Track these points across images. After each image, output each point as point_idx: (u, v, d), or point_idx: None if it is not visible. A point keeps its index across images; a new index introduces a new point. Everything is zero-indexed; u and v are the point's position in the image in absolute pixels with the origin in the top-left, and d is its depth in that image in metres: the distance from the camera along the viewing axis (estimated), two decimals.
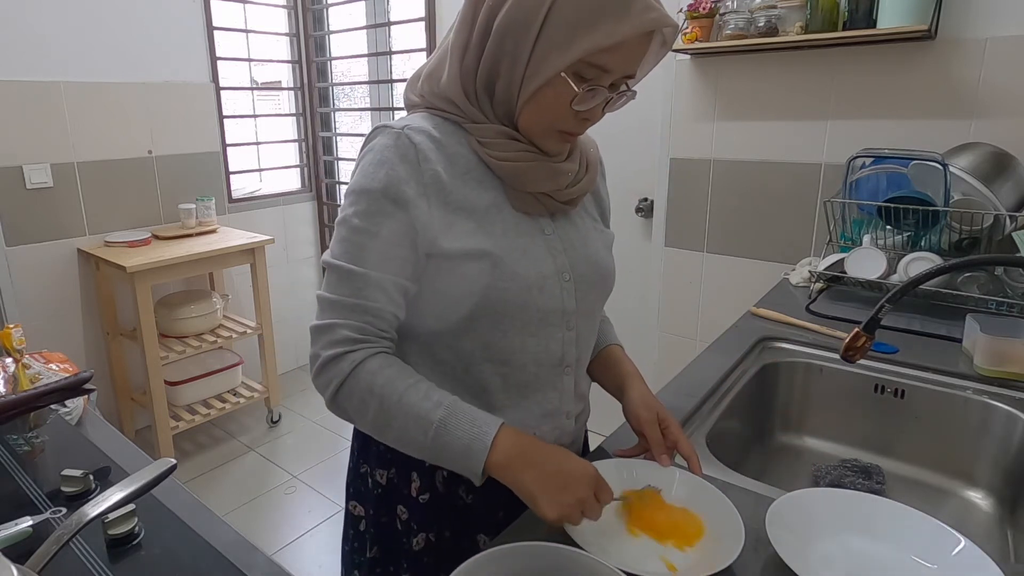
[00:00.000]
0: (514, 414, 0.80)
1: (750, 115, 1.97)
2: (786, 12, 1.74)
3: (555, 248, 0.80)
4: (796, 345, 1.27)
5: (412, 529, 0.86)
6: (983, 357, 1.10)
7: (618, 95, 0.74)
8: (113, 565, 0.70)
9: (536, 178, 0.77)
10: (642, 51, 0.72)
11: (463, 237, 0.74)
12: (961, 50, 1.61)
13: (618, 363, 0.93)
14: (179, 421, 2.57)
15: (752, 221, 2.03)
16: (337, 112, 3.40)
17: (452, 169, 0.75)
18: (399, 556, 0.88)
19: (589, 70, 0.70)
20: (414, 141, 0.73)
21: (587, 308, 0.84)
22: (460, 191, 0.75)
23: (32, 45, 2.34)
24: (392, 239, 0.72)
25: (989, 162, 1.43)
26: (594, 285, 0.83)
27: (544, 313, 0.78)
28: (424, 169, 0.73)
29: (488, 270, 0.73)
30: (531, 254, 0.77)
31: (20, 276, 2.40)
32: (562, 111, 0.73)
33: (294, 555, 2.09)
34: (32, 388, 1.02)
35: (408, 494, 0.85)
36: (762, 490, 0.80)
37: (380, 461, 0.87)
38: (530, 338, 0.78)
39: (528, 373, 0.80)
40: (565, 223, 0.83)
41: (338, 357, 0.71)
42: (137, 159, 2.67)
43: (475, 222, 0.75)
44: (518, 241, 0.76)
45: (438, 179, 0.73)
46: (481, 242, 0.74)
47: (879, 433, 1.16)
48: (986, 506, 1.05)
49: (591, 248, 0.84)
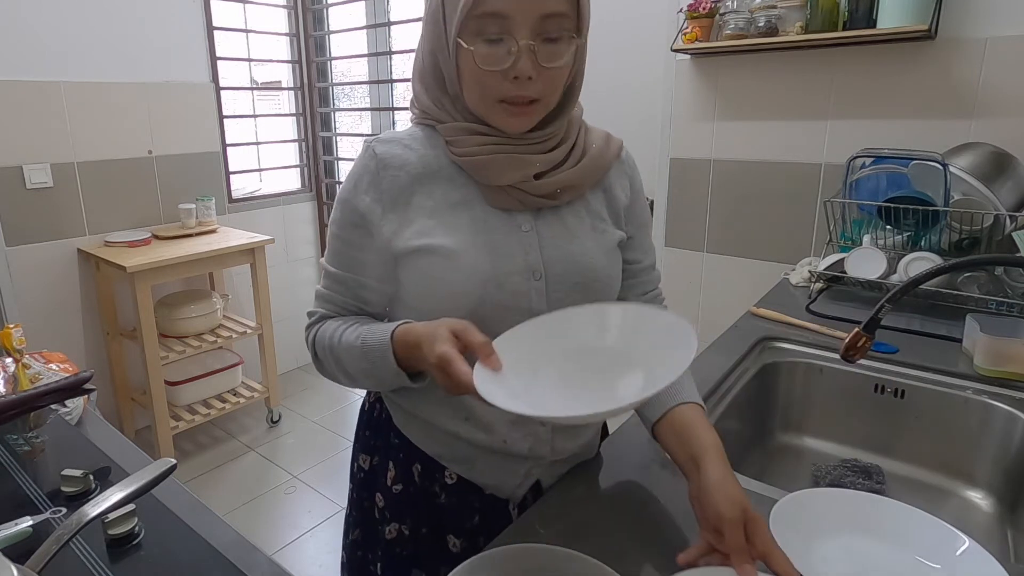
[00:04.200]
0: (484, 416, 0.80)
1: (750, 115, 1.97)
2: (786, 12, 1.74)
3: (529, 245, 0.77)
4: (796, 345, 1.27)
5: (386, 518, 0.88)
6: (983, 357, 1.10)
7: (542, 42, 0.69)
8: (113, 565, 0.70)
9: (499, 170, 0.75)
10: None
11: (418, 235, 0.75)
12: (961, 50, 1.61)
13: (693, 428, 0.76)
14: (179, 421, 2.57)
15: (752, 221, 2.03)
16: (337, 112, 3.40)
17: (420, 171, 0.77)
18: (375, 542, 0.90)
19: (490, 24, 0.68)
20: (376, 152, 0.77)
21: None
22: (425, 192, 0.77)
23: (32, 45, 2.34)
24: (357, 244, 0.79)
25: (989, 162, 1.43)
26: (573, 286, 0.78)
27: (505, 311, 0.75)
28: (382, 177, 0.76)
29: (439, 264, 0.75)
30: (496, 250, 0.75)
31: (20, 276, 2.40)
32: (483, 77, 0.71)
33: (294, 555, 2.09)
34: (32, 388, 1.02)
35: (384, 482, 0.88)
36: (762, 490, 0.81)
37: (365, 446, 0.92)
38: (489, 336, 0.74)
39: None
40: (552, 220, 0.79)
41: (308, 332, 0.84)
42: (137, 159, 2.67)
43: (435, 220, 0.76)
44: (483, 237, 0.75)
45: (397, 184, 0.76)
46: (435, 238, 0.75)
47: (879, 433, 1.16)
48: (986, 506, 1.05)
49: (576, 248, 0.78)
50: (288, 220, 3.31)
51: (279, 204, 3.26)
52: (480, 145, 0.75)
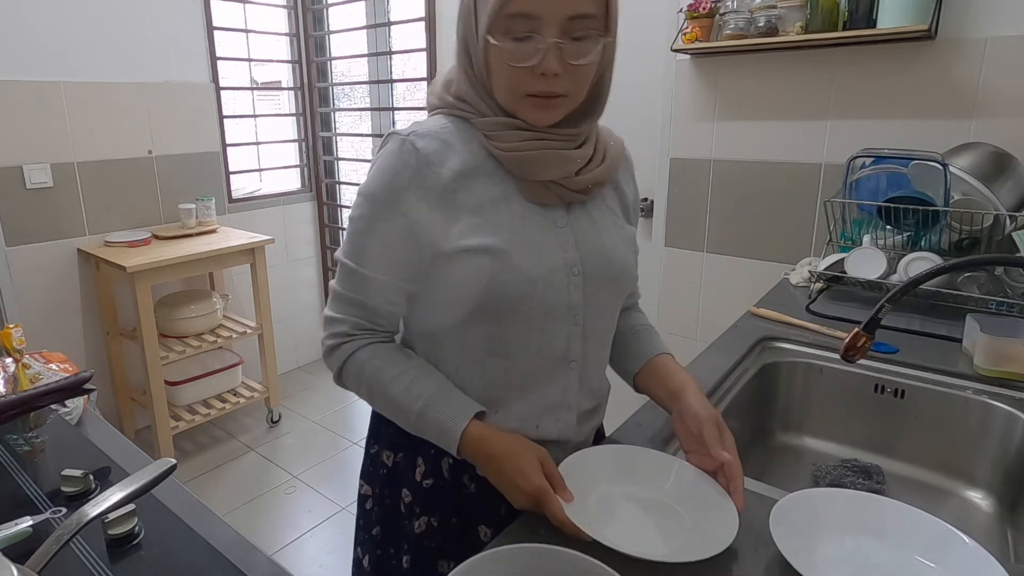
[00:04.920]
0: (516, 406, 0.82)
1: (750, 115, 1.97)
2: (786, 12, 1.74)
3: (566, 241, 0.79)
4: (796, 345, 1.27)
5: (415, 512, 0.87)
6: (983, 357, 1.10)
7: (570, 40, 0.71)
8: (113, 565, 0.70)
9: (544, 165, 0.77)
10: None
11: (465, 234, 0.75)
12: (961, 50, 1.61)
13: (671, 372, 0.88)
14: (179, 421, 2.57)
15: (752, 221, 2.03)
16: (337, 112, 3.40)
17: (460, 168, 0.77)
18: (400, 537, 0.89)
19: (518, 24, 0.70)
20: (417, 147, 0.76)
21: (597, 304, 0.83)
22: (466, 189, 0.77)
23: (32, 45, 2.34)
24: (389, 242, 0.77)
25: (989, 162, 1.43)
26: (606, 280, 0.82)
27: (549, 307, 0.78)
28: (426, 174, 0.75)
29: (489, 265, 0.75)
30: (539, 247, 0.77)
31: (20, 276, 2.39)
32: (512, 73, 0.73)
33: (294, 555, 2.09)
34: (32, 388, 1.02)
35: (412, 477, 0.87)
36: (762, 490, 0.80)
37: (389, 443, 0.90)
38: (534, 332, 0.79)
39: (531, 366, 0.81)
40: (581, 215, 0.82)
41: (335, 348, 0.82)
42: (137, 159, 2.67)
43: (481, 218, 0.76)
44: (525, 234, 0.77)
45: (440, 181, 0.76)
46: (483, 238, 0.75)
47: (879, 433, 1.16)
48: (986, 506, 1.05)
49: (606, 243, 0.82)
50: (288, 220, 3.31)
51: (279, 204, 3.26)
52: (523, 140, 0.76)
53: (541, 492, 0.70)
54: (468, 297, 0.76)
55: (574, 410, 0.85)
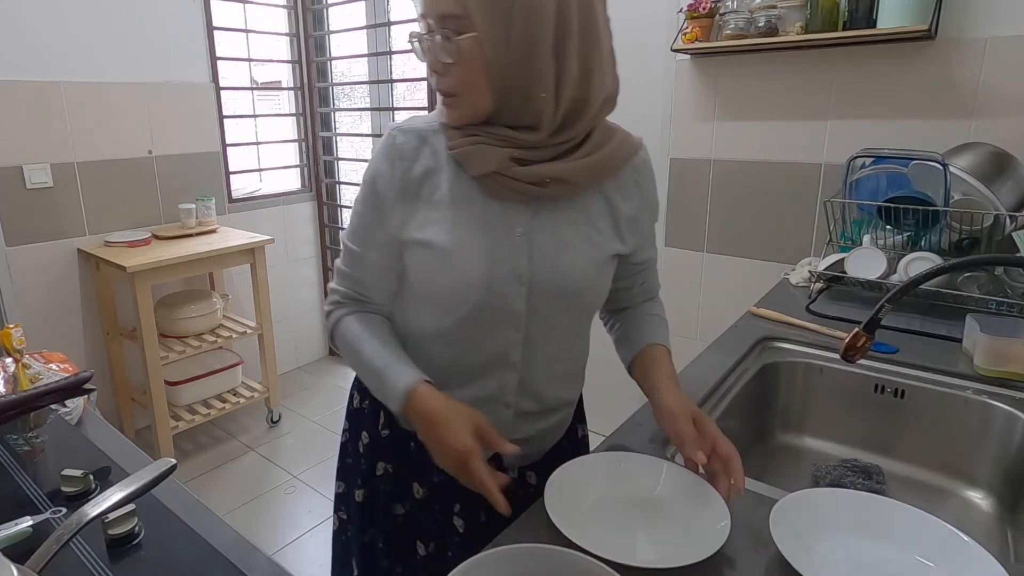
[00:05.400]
0: (458, 392, 0.85)
1: (750, 115, 1.97)
2: (786, 12, 1.74)
3: (519, 250, 0.80)
4: (796, 345, 1.27)
5: (372, 454, 0.96)
6: (983, 357, 1.10)
7: (443, 40, 0.74)
8: (113, 565, 0.70)
9: (479, 158, 0.78)
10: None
11: (419, 227, 0.81)
12: (961, 50, 1.61)
13: (655, 363, 0.89)
14: (179, 421, 2.57)
15: (752, 221, 2.03)
16: (337, 112, 3.40)
17: (432, 164, 0.81)
18: (356, 474, 0.99)
19: (422, 23, 0.77)
20: (396, 141, 0.82)
21: (544, 315, 0.82)
22: (432, 184, 0.81)
23: (32, 45, 2.33)
24: (374, 224, 0.84)
25: (989, 162, 1.43)
26: (556, 295, 0.81)
27: (489, 311, 0.81)
28: (397, 167, 0.82)
29: (431, 260, 0.80)
30: (486, 252, 0.79)
31: (20, 276, 2.39)
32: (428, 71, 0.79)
33: (294, 555, 2.09)
34: (32, 388, 1.02)
35: (373, 423, 0.96)
36: (762, 490, 0.80)
37: (359, 386, 1.00)
38: (473, 330, 0.83)
39: (471, 361, 0.85)
40: (546, 224, 0.81)
41: (329, 313, 0.90)
42: (137, 159, 2.67)
43: (439, 213, 0.80)
44: (475, 237, 0.79)
45: (409, 174, 0.81)
46: (433, 234, 0.80)
47: (879, 433, 1.16)
48: (986, 506, 1.05)
49: (566, 258, 0.81)
50: (288, 220, 3.31)
51: (279, 204, 3.26)
52: (466, 136, 0.79)
53: (467, 453, 0.71)
54: (416, 286, 0.84)
55: (512, 409, 0.88)
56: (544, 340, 0.85)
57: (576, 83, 0.76)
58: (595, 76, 0.77)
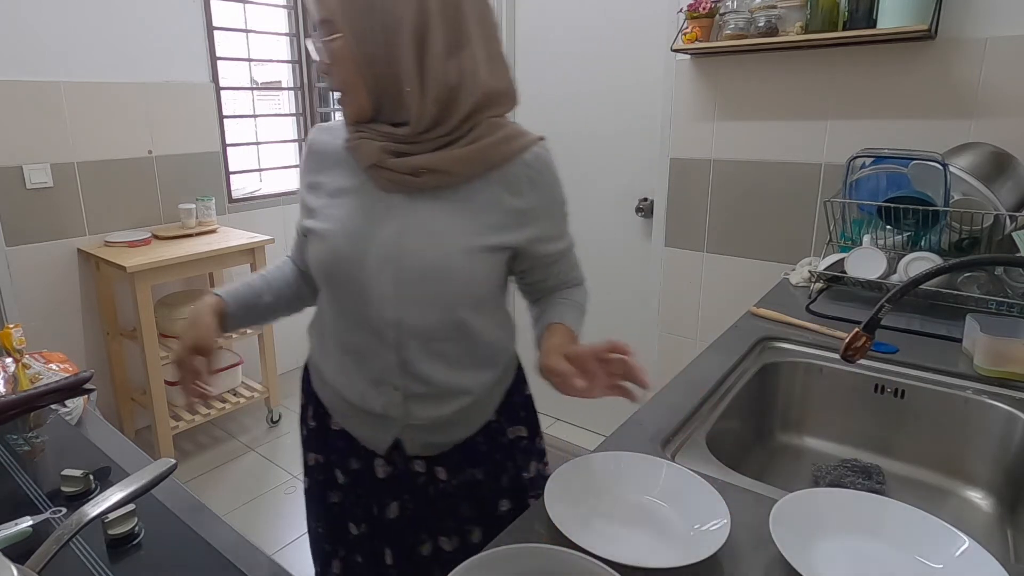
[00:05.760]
0: (349, 369, 0.93)
1: (750, 115, 1.97)
2: (786, 12, 1.74)
3: (392, 235, 0.85)
4: (796, 345, 1.27)
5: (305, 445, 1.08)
6: (983, 357, 1.10)
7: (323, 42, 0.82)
8: (113, 565, 0.70)
9: (362, 153, 0.86)
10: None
11: (312, 214, 0.91)
12: (961, 50, 1.61)
13: (552, 330, 0.90)
14: (179, 421, 2.57)
15: (752, 221, 2.03)
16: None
17: (333, 159, 0.91)
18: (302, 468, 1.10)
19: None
20: (310, 137, 0.95)
21: (411, 297, 0.85)
22: (329, 175, 0.91)
23: (32, 45, 2.33)
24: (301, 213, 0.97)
25: (989, 162, 1.43)
26: (420, 278, 0.84)
27: (357, 288, 0.87)
28: (307, 162, 0.95)
29: (318, 244, 0.89)
30: (361, 235, 0.86)
31: (20, 276, 2.39)
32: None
33: (294, 555, 2.09)
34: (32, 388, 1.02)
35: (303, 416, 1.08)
36: (762, 490, 0.80)
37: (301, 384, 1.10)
38: (352, 309, 0.90)
39: (355, 339, 0.92)
40: (423, 212, 0.85)
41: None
42: (137, 159, 2.67)
43: (330, 201, 0.89)
44: (354, 222, 0.86)
45: (311, 167, 0.94)
46: (320, 222, 0.89)
47: (879, 433, 1.16)
48: (986, 506, 1.05)
49: (434, 242, 0.84)
50: (288, 220, 3.31)
51: (279, 204, 3.26)
52: (354, 132, 0.87)
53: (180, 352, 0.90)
54: (312, 269, 0.93)
55: (400, 391, 0.91)
56: (416, 321, 0.87)
57: (441, 78, 0.79)
58: (464, 72, 0.80)
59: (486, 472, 0.98)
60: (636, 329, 2.42)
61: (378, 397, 0.92)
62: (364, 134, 0.85)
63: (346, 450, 0.99)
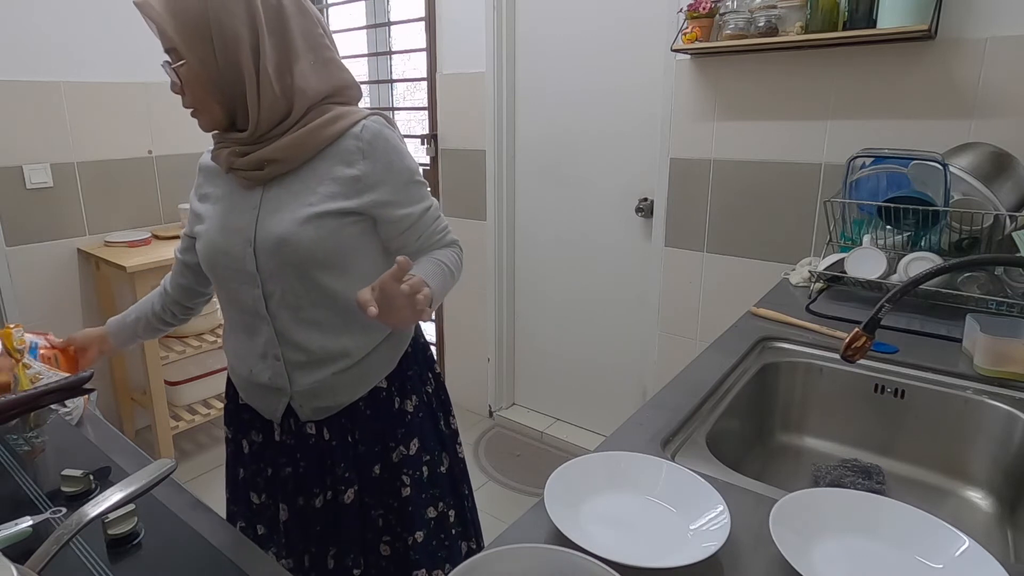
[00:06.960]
0: (240, 349, 1.08)
1: (750, 115, 1.97)
2: (786, 12, 1.74)
3: (250, 222, 0.98)
4: (796, 345, 1.27)
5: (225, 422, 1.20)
6: (983, 357, 1.10)
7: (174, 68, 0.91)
8: (113, 565, 0.70)
9: (223, 160, 1.00)
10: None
11: (199, 220, 1.05)
12: (961, 50, 1.61)
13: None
14: (179, 421, 2.57)
15: (752, 221, 2.03)
16: None
17: (213, 171, 1.05)
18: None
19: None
20: (201, 157, 1.09)
21: (270, 270, 0.98)
22: (211, 185, 1.06)
23: (32, 45, 2.33)
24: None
25: (989, 162, 1.43)
26: (272, 251, 0.96)
27: (233, 273, 1.00)
28: (197, 176, 1.10)
29: (199, 242, 1.04)
30: (229, 227, 1.00)
31: (20, 276, 2.39)
32: None
33: None
34: (32, 388, 1.02)
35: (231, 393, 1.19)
36: (762, 490, 0.80)
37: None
38: (230, 292, 1.04)
39: (239, 319, 1.06)
40: (273, 197, 0.98)
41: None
42: (137, 159, 2.67)
43: (210, 206, 1.04)
44: (224, 218, 1.01)
45: (199, 181, 1.09)
46: (202, 224, 1.04)
47: (879, 433, 1.16)
48: (986, 506, 1.05)
49: (279, 219, 0.96)
50: None
51: None
52: (216, 143, 1.02)
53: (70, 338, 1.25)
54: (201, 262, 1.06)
55: (282, 361, 1.03)
56: (281, 292, 0.99)
57: (275, 85, 0.92)
58: (296, 87, 0.94)
59: (363, 435, 1.07)
60: (636, 329, 2.42)
61: (265, 369, 1.04)
62: (221, 144, 1.00)
63: (249, 422, 1.13)
